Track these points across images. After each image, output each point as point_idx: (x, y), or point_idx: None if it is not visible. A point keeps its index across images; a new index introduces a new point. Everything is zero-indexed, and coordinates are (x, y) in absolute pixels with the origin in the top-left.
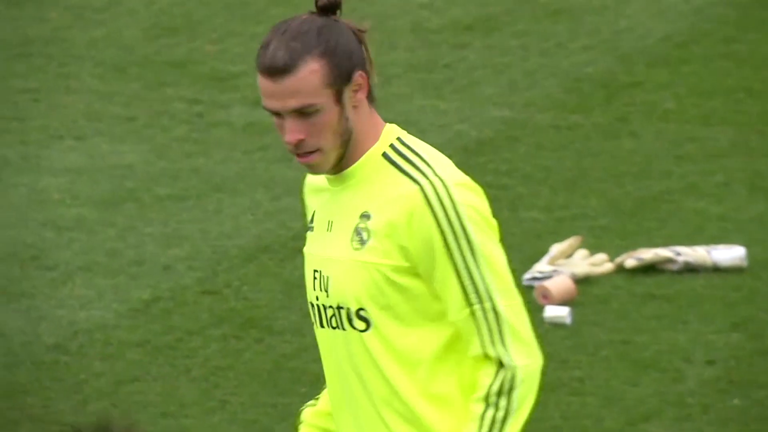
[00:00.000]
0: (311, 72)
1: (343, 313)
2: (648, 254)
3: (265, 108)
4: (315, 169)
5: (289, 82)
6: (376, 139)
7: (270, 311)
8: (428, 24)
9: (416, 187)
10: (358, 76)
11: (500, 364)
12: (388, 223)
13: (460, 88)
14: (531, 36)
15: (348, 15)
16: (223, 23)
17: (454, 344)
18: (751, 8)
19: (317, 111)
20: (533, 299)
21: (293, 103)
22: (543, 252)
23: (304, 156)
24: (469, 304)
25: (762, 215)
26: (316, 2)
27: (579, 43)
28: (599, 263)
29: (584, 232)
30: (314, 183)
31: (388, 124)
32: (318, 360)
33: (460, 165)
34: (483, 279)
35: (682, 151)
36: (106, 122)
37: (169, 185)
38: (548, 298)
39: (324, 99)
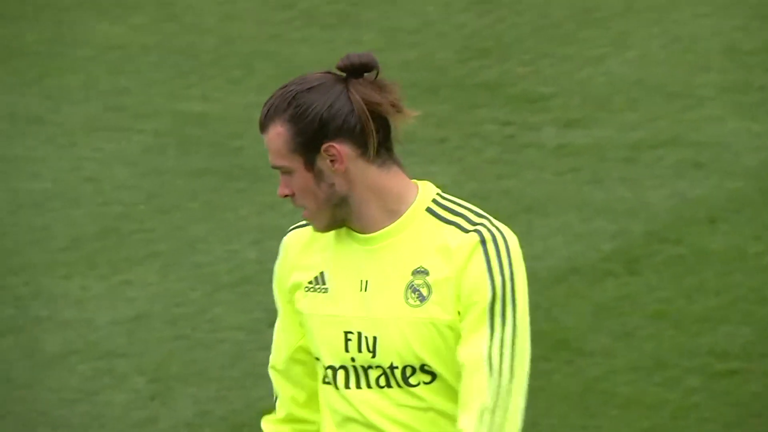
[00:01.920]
0: (277, 135)
1: (398, 372)
2: None
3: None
4: (313, 226)
5: (266, 139)
6: (409, 196)
7: (579, 333)
8: (741, 46)
9: (474, 234)
10: (329, 147)
11: (486, 399)
12: (448, 276)
13: None
14: None
15: (659, 36)
16: (534, 45)
17: None
18: None
19: (290, 172)
20: None
21: (270, 159)
22: None
23: (304, 210)
24: (490, 355)
25: None
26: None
27: None
28: None
29: None
30: (311, 242)
31: (420, 181)
32: (629, 383)
33: None
34: (514, 338)
35: None
36: (418, 143)
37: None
38: None
39: (293, 163)
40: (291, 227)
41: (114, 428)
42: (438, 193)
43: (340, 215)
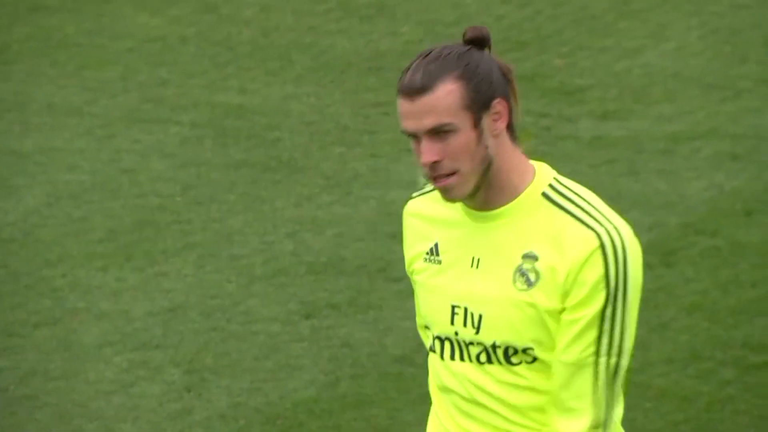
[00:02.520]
0: (448, 92)
1: (499, 351)
2: None
3: (403, 131)
4: (452, 194)
5: (426, 100)
6: (527, 176)
7: None
8: None
9: (594, 235)
10: (497, 103)
11: (595, 412)
12: (557, 266)
13: None
14: None
15: (698, 28)
16: (572, 37)
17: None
18: None
19: (453, 131)
20: None
21: (429, 121)
22: None
23: (442, 179)
24: (597, 354)
25: None
26: (464, 34)
27: None
28: None
29: None
30: (428, 212)
31: (538, 162)
32: (664, 375)
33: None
34: (622, 336)
35: None
36: None
37: None
38: None
39: (460, 120)
40: (412, 195)
41: (149, 420)
42: (555, 177)
43: (483, 182)
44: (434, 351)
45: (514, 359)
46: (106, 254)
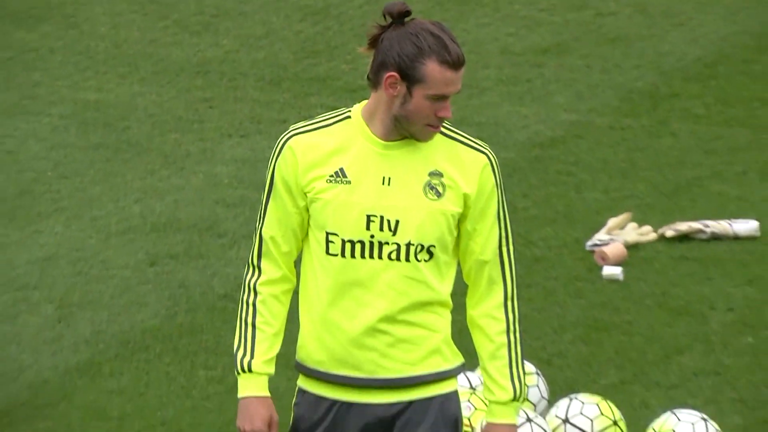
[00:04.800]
0: None
1: (411, 248)
2: (683, 226)
3: (438, 95)
4: (432, 135)
5: (463, 70)
6: None
7: None
8: (513, 48)
9: (484, 155)
10: None
11: (506, 285)
12: (458, 180)
13: (538, 98)
14: (594, 57)
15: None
16: (354, 47)
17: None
18: (765, 36)
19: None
20: (593, 260)
21: (460, 86)
22: (601, 224)
23: (438, 126)
24: (501, 246)
25: None
26: (392, 13)
27: (630, 63)
28: (645, 233)
29: (634, 209)
30: (324, 144)
31: None
32: None
33: (538, 157)
34: (509, 229)
35: (709, 147)
36: (265, 124)
37: None
38: (605, 259)
39: None
40: (292, 132)
41: (29, 344)
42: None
43: None
44: (334, 254)
45: (418, 256)
46: None
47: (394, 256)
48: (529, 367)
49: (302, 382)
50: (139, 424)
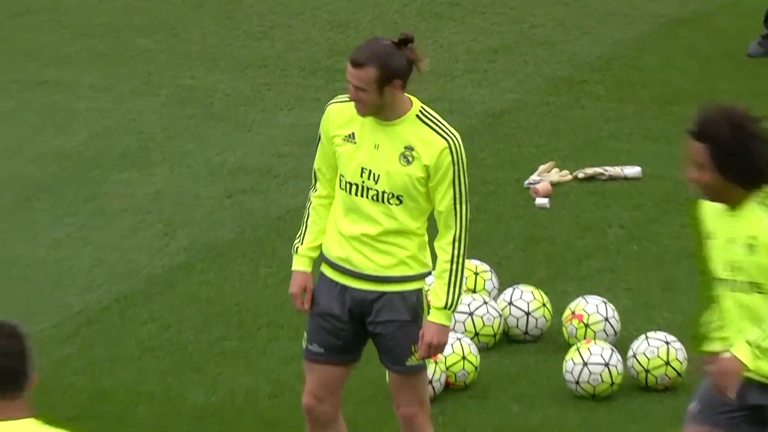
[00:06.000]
0: None
1: (386, 195)
2: (590, 171)
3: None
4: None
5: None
6: (407, 106)
7: None
8: (474, 48)
9: (444, 140)
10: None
11: (456, 230)
12: (423, 155)
13: (492, 83)
14: (529, 55)
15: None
16: None
17: (424, 215)
18: (645, 41)
19: None
20: (529, 194)
21: (353, 79)
22: (534, 169)
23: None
24: (455, 203)
25: (651, 151)
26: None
27: (554, 59)
28: (564, 176)
29: (557, 159)
30: (349, 113)
31: (412, 96)
32: None
33: (491, 124)
34: (464, 194)
35: (607, 116)
36: (305, 101)
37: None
38: (538, 193)
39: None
40: (332, 101)
41: (145, 251)
42: (421, 107)
43: (380, 110)
44: (344, 189)
45: (390, 201)
46: None
47: (375, 198)
48: (485, 266)
49: (323, 268)
50: (220, 305)
